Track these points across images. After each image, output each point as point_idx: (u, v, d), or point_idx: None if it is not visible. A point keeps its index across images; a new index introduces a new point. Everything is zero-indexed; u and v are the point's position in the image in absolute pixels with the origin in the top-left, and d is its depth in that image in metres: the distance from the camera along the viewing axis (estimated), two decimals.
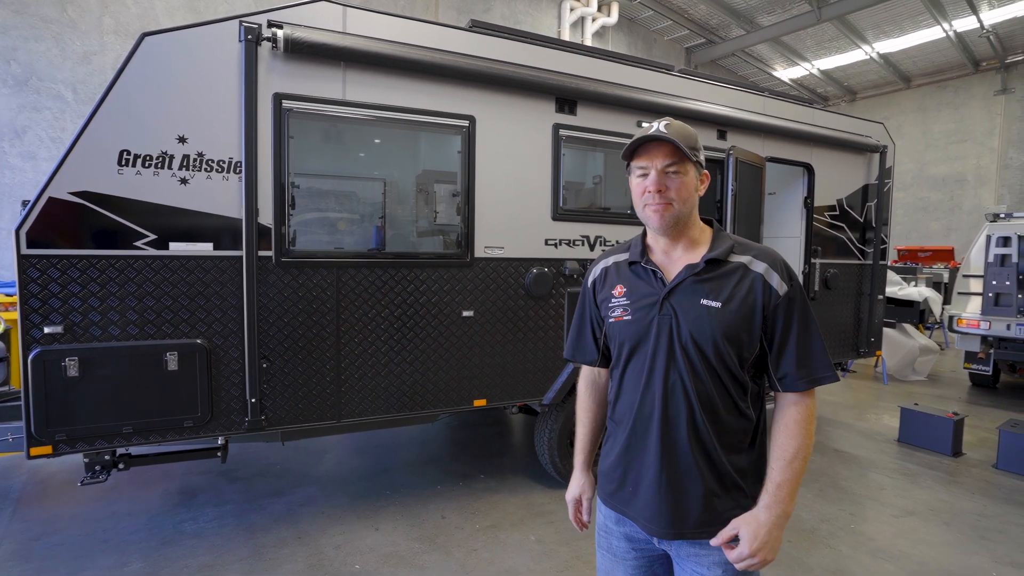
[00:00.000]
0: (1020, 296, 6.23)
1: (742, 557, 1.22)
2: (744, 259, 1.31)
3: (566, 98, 3.61)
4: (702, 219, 1.41)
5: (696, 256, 1.33)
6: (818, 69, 15.66)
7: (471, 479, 4.09)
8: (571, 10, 11.33)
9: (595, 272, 1.50)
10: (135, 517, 3.42)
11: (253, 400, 2.89)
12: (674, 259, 1.36)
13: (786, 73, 16.00)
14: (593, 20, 11.68)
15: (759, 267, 1.30)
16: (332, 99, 3.02)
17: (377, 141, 3.35)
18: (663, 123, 1.31)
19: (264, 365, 2.93)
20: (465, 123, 3.32)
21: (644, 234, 1.45)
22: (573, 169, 3.77)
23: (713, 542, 1.27)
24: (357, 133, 3.27)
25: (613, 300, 1.40)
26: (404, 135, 3.35)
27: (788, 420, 1.29)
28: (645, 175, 1.32)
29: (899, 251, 14.20)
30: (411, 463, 4.40)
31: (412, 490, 3.90)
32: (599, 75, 3.72)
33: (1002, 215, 6.76)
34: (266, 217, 2.91)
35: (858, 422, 5.78)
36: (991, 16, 12.31)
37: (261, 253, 2.90)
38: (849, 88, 17.19)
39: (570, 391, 3.71)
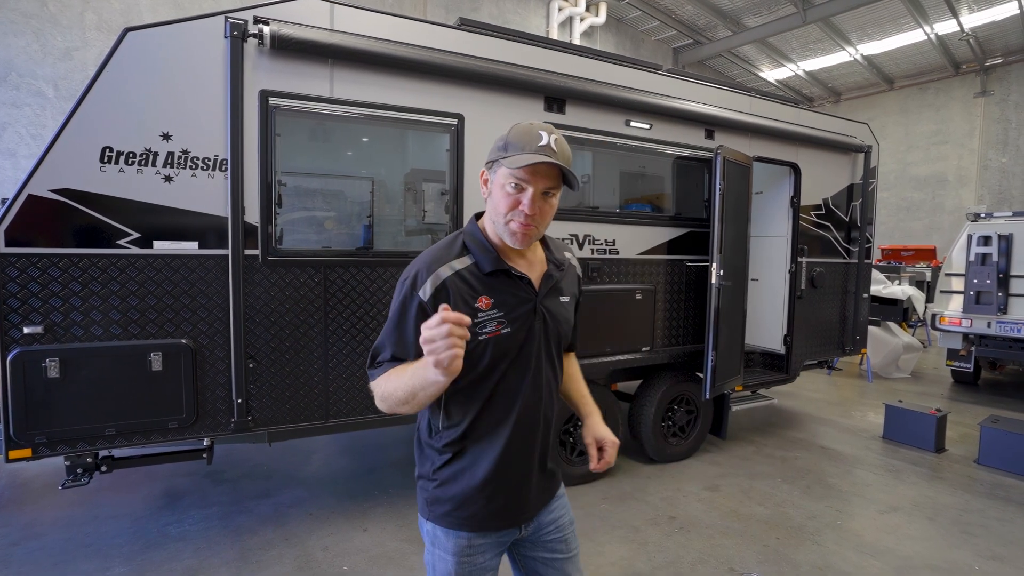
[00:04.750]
0: (1000, 294, 6.36)
1: (612, 458, 1.48)
2: (567, 255, 1.51)
3: (555, 97, 3.61)
4: None
5: (538, 258, 1.41)
6: (803, 70, 15.84)
7: None
8: (559, 10, 11.35)
9: (425, 289, 1.25)
10: (118, 520, 3.37)
11: (239, 401, 2.85)
12: (532, 263, 1.38)
13: (772, 74, 16.17)
14: (581, 20, 11.71)
15: (574, 260, 1.53)
16: (319, 96, 2.99)
17: (365, 139, 3.33)
18: (552, 138, 1.23)
19: (251, 365, 2.89)
20: (453, 121, 3.31)
21: (479, 238, 1.33)
22: None
23: (595, 466, 1.50)
24: (345, 131, 3.24)
25: (481, 314, 1.26)
26: (392, 133, 3.33)
27: (576, 371, 1.65)
28: (520, 190, 1.23)
29: (882, 250, 14.41)
30: (399, 463, 4.38)
31: (401, 490, 3.88)
32: (588, 74, 3.73)
33: (983, 215, 6.89)
34: (252, 215, 2.87)
35: (844, 419, 5.85)
36: (971, 20, 12.53)
37: (247, 252, 2.86)
38: (834, 89, 17.41)
39: None
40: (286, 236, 3.02)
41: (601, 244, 3.85)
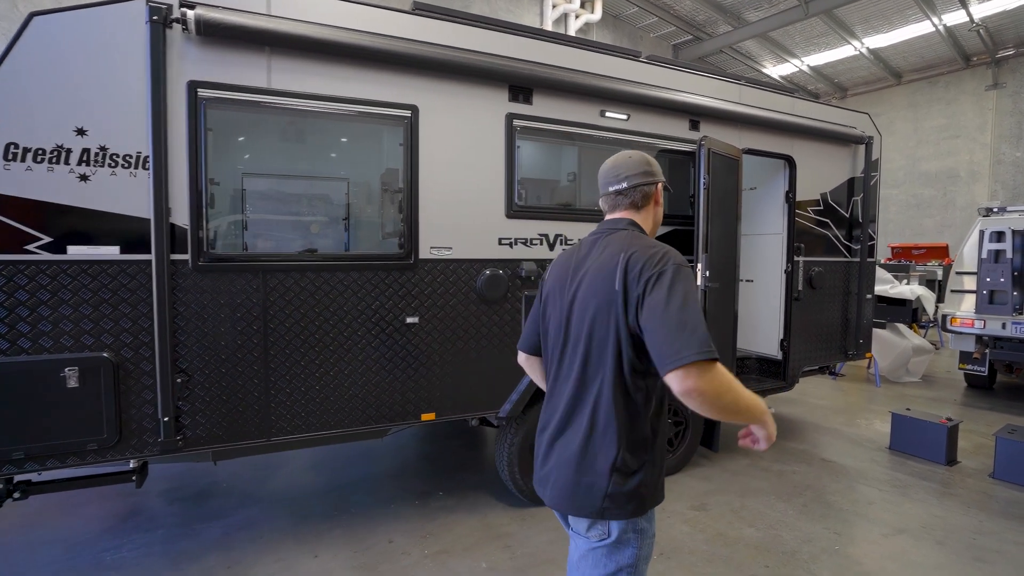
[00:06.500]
0: (1016, 293, 5.98)
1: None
2: None
3: (521, 86, 3.34)
4: None
5: None
6: (808, 66, 15.46)
7: (428, 497, 3.81)
8: (553, 7, 11.12)
9: None
10: (53, 546, 3.13)
11: (166, 419, 2.60)
12: None
13: (776, 70, 15.81)
14: (576, 17, 11.47)
15: None
16: (256, 88, 2.75)
17: (309, 134, 3.07)
18: None
19: (179, 380, 2.64)
20: (407, 113, 3.05)
21: None
22: (530, 162, 3.51)
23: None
24: (285, 125, 2.99)
25: None
26: (339, 127, 3.07)
27: None
28: None
29: (892, 248, 13.98)
30: (368, 479, 4.12)
31: (363, 510, 3.61)
32: (558, 61, 3.46)
33: (995, 209, 6.51)
34: (181, 217, 2.63)
35: (848, 428, 5.51)
36: (980, 9, 12.12)
37: (175, 257, 2.62)
38: (840, 85, 17.00)
39: (530, 402, 3.44)
40: (220, 239, 2.77)
41: (574, 243, 3.57)
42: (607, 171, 1.59)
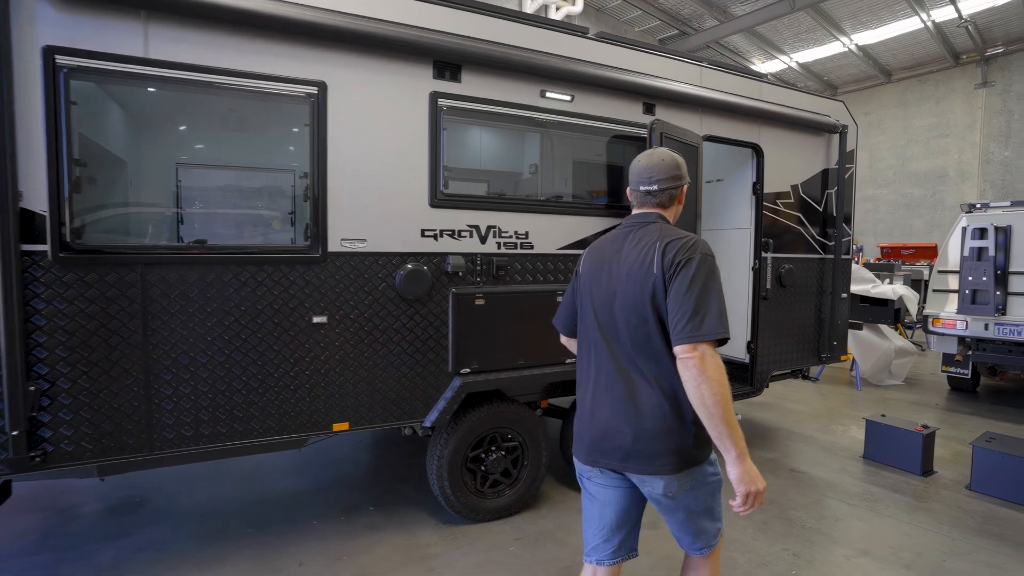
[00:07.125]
0: (998, 293, 5.70)
1: None
2: None
3: (447, 61, 3.02)
4: None
5: None
6: (797, 62, 15.23)
7: (356, 511, 3.49)
8: None
9: None
10: None
11: (15, 433, 2.27)
12: None
13: (765, 67, 15.55)
14: (557, 9, 11.16)
15: None
16: (130, 56, 2.42)
17: (199, 111, 2.74)
18: None
19: (31, 388, 2.31)
20: (313, 90, 2.73)
21: None
22: (459, 147, 3.19)
23: None
24: (167, 101, 2.65)
25: None
26: (235, 104, 2.74)
27: None
28: None
29: (882, 248, 13.75)
30: (299, 491, 3.79)
31: (281, 526, 3.29)
32: (491, 36, 3.15)
33: (978, 205, 6.24)
34: (37, 203, 2.30)
35: (823, 435, 5.21)
36: (969, 5, 11.88)
37: (30, 247, 2.29)
38: (829, 82, 16.77)
39: (457, 412, 3.12)
40: (89, 228, 2.44)
41: (510, 236, 3.25)
42: (640, 170, 1.74)
